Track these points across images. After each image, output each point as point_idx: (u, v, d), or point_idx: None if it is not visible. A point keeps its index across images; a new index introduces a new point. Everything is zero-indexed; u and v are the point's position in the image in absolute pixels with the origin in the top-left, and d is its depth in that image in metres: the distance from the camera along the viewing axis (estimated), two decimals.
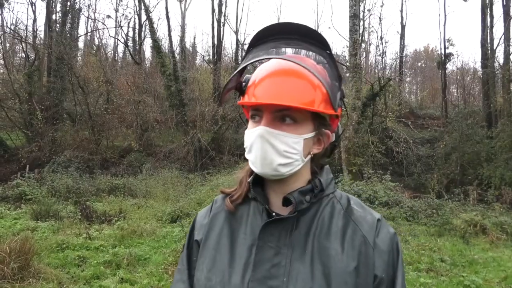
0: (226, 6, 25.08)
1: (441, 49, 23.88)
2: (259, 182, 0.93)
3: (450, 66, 29.19)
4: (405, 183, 15.12)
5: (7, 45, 25.37)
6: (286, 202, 0.87)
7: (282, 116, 0.84)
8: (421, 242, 7.03)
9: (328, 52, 0.88)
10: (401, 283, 0.87)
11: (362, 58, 21.73)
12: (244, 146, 0.89)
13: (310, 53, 0.92)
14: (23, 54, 24.11)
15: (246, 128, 0.92)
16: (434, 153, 16.86)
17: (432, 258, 6.06)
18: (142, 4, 23.91)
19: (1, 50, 22.04)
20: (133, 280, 4.85)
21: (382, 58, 28.81)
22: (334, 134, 0.94)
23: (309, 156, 0.90)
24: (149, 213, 9.08)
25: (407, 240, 7.14)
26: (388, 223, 0.94)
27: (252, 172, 0.93)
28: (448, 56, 23.22)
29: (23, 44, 22.77)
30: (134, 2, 31.45)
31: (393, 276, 0.87)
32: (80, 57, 27.57)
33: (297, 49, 0.90)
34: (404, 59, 29.23)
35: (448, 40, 23.25)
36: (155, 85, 21.42)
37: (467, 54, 60.30)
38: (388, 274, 0.86)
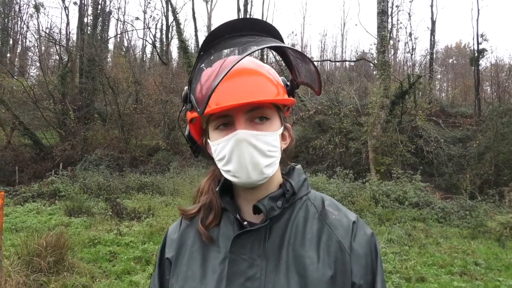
0: (251, 6, 25.17)
1: (473, 44, 23.00)
2: (227, 190, 0.88)
3: (483, 63, 27.97)
4: (436, 183, 14.66)
5: (43, 48, 26.48)
6: (256, 210, 0.82)
7: (255, 115, 0.79)
8: (453, 244, 6.79)
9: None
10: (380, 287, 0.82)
11: (390, 56, 21.25)
12: (217, 159, 0.82)
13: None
14: (57, 56, 25.14)
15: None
16: (467, 153, 16.23)
17: (466, 262, 5.84)
18: (169, 6, 24.36)
19: (37, 53, 23.04)
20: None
21: (412, 55, 28.00)
22: None
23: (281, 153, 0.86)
24: (177, 210, 9.18)
25: (438, 243, 6.92)
26: (365, 223, 0.89)
27: (217, 184, 0.90)
28: (481, 52, 22.24)
29: (57, 46, 23.74)
30: (162, 3, 32.06)
31: (372, 281, 0.82)
32: (110, 59, 28.37)
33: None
34: (434, 56, 28.34)
35: (482, 36, 22.23)
36: (182, 85, 21.70)
37: (502, 49, 57.53)
38: (367, 280, 0.81)
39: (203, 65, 0.79)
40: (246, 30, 0.81)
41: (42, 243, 4.66)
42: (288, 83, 0.88)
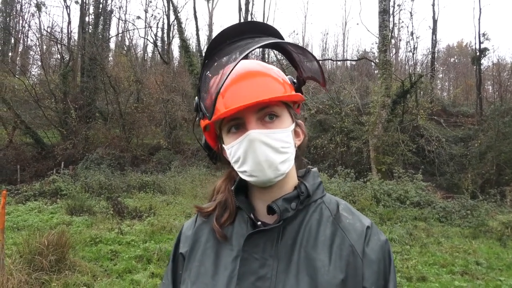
0: (253, 5, 25.20)
1: (475, 44, 22.96)
2: (242, 189, 0.90)
3: (485, 62, 27.97)
4: (437, 183, 14.65)
5: (44, 47, 26.52)
6: (270, 210, 0.82)
7: (265, 114, 0.81)
8: (454, 244, 6.79)
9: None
10: None
11: (391, 55, 21.20)
12: (233, 162, 0.84)
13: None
14: (58, 55, 25.18)
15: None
16: (468, 152, 16.21)
17: (467, 261, 5.84)
18: (171, 5, 24.34)
19: (39, 51, 23.08)
20: (163, 275, 4.95)
21: (413, 54, 27.93)
22: None
23: (295, 149, 0.87)
24: (178, 209, 9.24)
25: (439, 242, 6.92)
26: (380, 229, 0.89)
27: (232, 184, 0.91)
28: (483, 51, 22.19)
29: (58, 45, 23.78)
30: (163, 2, 32.02)
31: (384, 287, 0.82)
32: (111, 58, 28.38)
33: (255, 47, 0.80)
34: (436, 55, 28.25)
35: (484, 35, 22.18)
36: (183, 84, 21.78)
37: (504, 48, 57.33)
38: (378, 286, 0.81)
39: (208, 72, 0.80)
40: (246, 33, 0.82)
41: (43, 241, 4.67)
42: (295, 80, 0.89)
